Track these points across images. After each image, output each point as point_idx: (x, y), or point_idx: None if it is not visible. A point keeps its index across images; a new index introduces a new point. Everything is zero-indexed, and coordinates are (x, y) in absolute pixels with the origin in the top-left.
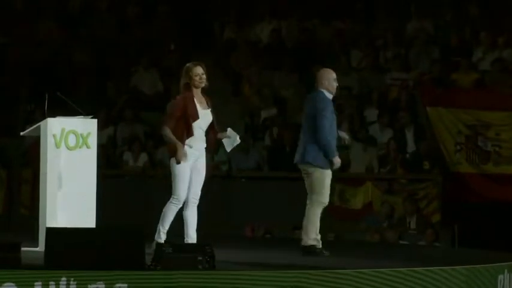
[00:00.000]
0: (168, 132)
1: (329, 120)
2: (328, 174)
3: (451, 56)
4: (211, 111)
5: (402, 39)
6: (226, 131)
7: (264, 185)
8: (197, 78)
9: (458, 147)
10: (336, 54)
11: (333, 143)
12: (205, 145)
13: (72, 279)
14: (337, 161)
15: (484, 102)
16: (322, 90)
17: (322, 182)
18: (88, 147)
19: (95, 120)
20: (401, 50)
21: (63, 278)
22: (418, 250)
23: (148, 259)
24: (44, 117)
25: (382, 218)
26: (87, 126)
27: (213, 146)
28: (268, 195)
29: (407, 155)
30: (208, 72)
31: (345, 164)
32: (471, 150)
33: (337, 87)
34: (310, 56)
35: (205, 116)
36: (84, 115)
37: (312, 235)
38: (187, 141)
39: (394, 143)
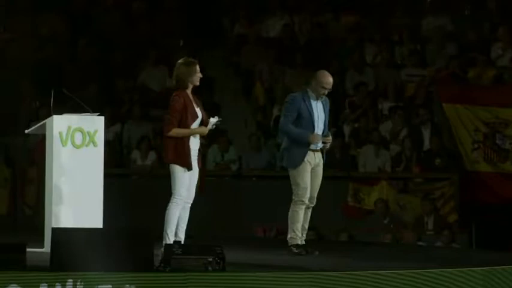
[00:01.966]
0: (177, 130)
1: (291, 120)
2: (301, 171)
3: (469, 52)
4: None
5: (418, 34)
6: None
7: (275, 184)
8: (198, 75)
9: (475, 145)
10: (350, 49)
11: (297, 136)
12: (199, 145)
13: (78, 281)
14: (313, 139)
15: (502, 99)
16: (307, 89)
17: (295, 181)
18: (95, 145)
19: (102, 118)
20: (418, 46)
21: (70, 280)
22: (434, 251)
23: (156, 260)
24: (49, 115)
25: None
26: (93, 124)
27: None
28: (280, 195)
29: (423, 154)
30: (218, 69)
31: (355, 163)
32: (489, 148)
33: (325, 93)
34: (323, 51)
35: (199, 115)
36: (90, 112)
37: (291, 234)
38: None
39: (409, 141)
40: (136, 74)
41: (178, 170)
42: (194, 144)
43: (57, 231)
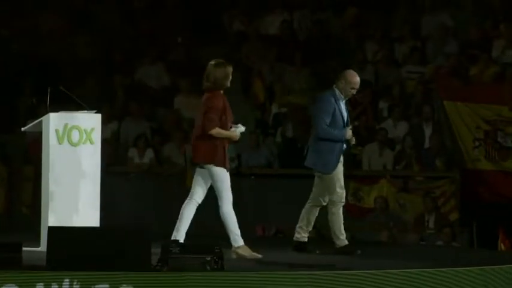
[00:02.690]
0: (219, 130)
1: (328, 121)
2: (335, 175)
3: (470, 49)
4: None
5: (419, 31)
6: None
7: (274, 182)
8: (230, 78)
9: (476, 143)
10: (350, 47)
11: (337, 137)
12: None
13: (75, 280)
14: (348, 134)
15: (504, 97)
16: (335, 89)
17: (332, 186)
18: (92, 143)
19: (99, 115)
20: (418, 43)
21: (66, 279)
22: (435, 250)
23: (154, 260)
24: (46, 112)
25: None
26: (90, 121)
27: None
28: (279, 193)
29: (424, 152)
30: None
31: (357, 161)
32: (490, 146)
33: (353, 93)
34: (323, 49)
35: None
36: (87, 110)
37: (340, 236)
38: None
39: (410, 139)
40: (134, 71)
41: (220, 172)
42: (229, 143)
43: (53, 230)
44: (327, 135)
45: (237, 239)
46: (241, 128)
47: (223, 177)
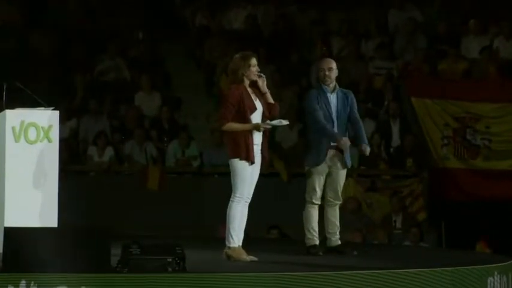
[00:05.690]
0: (231, 124)
1: (316, 115)
2: (315, 172)
3: (439, 45)
4: (266, 95)
5: (386, 26)
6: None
7: None
8: (254, 69)
9: (445, 141)
10: (316, 42)
11: (328, 132)
12: (261, 139)
13: (32, 282)
14: (342, 142)
15: (473, 93)
16: (318, 84)
17: (307, 179)
18: (49, 141)
19: (57, 112)
20: (385, 38)
21: (23, 281)
22: (402, 251)
23: (114, 261)
24: (2, 109)
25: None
26: (48, 119)
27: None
28: None
29: (392, 150)
30: (179, 62)
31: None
32: (459, 144)
33: (326, 75)
34: (288, 44)
35: (259, 108)
36: (45, 106)
37: (307, 235)
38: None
39: (378, 137)
40: (93, 67)
41: (239, 166)
42: (255, 136)
43: (10, 231)
44: (324, 128)
45: (229, 239)
46: (274, 122)
47: (237, 170)
